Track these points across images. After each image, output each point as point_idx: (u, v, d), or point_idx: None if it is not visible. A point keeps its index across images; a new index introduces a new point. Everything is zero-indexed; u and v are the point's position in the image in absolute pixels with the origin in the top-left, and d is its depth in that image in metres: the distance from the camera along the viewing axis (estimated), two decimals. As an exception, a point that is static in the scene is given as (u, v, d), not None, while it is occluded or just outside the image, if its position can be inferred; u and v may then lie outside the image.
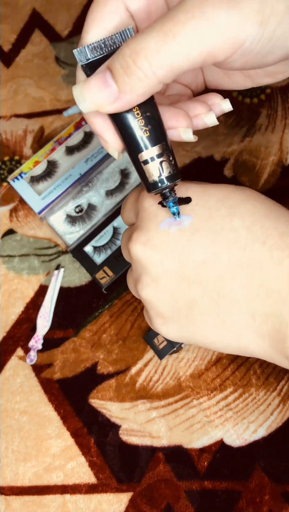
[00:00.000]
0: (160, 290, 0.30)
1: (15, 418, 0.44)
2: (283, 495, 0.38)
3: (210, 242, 0.29)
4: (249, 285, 0.28)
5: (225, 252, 0.28)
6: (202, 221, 0.29)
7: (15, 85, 0.56)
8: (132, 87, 0.23)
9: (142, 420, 0.42)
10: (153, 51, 0.22)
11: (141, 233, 0.30)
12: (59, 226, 0.48)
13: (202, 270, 0.29)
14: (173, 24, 0.22)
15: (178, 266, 0.29)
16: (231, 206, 0.29)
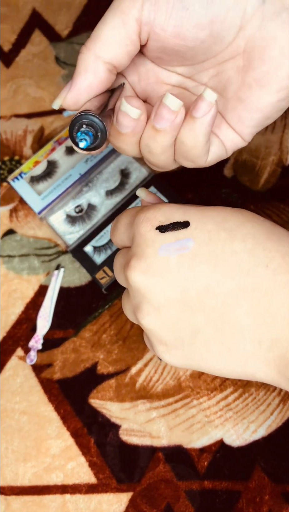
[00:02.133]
0: (162, 318, 0.29)
1: (15, 418, 0.44)
2: (283, 495, 0.38)
3: (211, 267, 0.27)
4: (254, 312, 0.26)
5: (227, 277, 0.27)
6: (202, 246, 0.28)
7: (15, 85, 0.56)
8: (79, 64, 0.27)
9: (143, 420, 0.42)
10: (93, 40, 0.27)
11: (140, 260, 0.29)
12: (59, 226, 0.48)
13: (205, 297, 0.27)
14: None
15: (180, 294, 0.28)
16: (231, 228, 0.28)
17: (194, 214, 0.29)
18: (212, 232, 0.28)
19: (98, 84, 0.27)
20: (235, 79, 0.29)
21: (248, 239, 0.27)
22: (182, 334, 0.29)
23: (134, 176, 0.49)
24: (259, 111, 0.29)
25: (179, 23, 0.26)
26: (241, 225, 0.28)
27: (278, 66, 0.27)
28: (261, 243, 0.27)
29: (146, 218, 0.29)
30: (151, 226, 0.29)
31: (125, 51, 0.27)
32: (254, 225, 0.28)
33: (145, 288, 0.29)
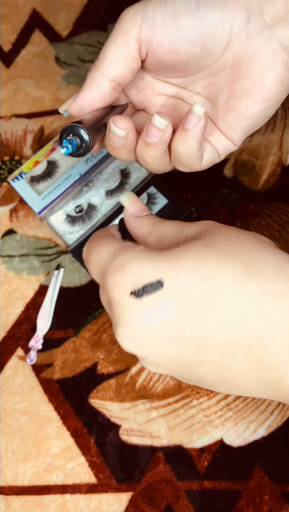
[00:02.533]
0: (164, 370, 0.29)
1: (15, 418, 0.44)
2: (283, 495, 0.38)
3: (200, 325, 0.26)
4: (250, 361, 0.26)
5: (218, 333, 0.26)
6: (183, 306, 0.26)
7: (15, 85, 0.56)
8: (86, 80, 0.31)
9: (143, 420, 0.42)
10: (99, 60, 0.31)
11: (125, 329, 0.28)
12: (59, 226, 0.48)
13: (201, 354, 0.27)
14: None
15: (176, 354, 0.28)
16: (208, 277, 0.26)
17: (166, 269, 0.27)
18: (190, 287, 0.26)
19: (101, 98, 0.31)
20: (225, 90, 0.32)
21: (229, 287, 0.26)
22: (185, 377, 0.30)
23: (134, 176, 0.49)
24: (247, 119, 0.32)
25: (173, 40, 0.29)
26: (217, 269, 0.26)
27: (262, 78, 0.30)
28: (243, 287, 0.26)
29: (115, 283, 0.27)
30: (124, 292, 0.27)
31: (128, 68, 0.30)
32: (230, 263, 0.26)
33: (140, 354, 0.28)
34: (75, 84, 0.55)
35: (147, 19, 0.29)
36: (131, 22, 0.30)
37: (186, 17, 0.29)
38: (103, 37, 0.56)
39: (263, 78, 0.30)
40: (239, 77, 0.31)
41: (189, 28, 0.29)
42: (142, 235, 0.32)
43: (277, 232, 0.45)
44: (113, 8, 0.57)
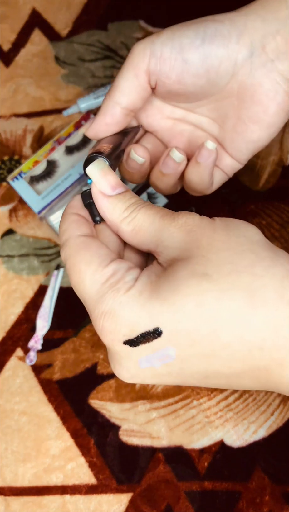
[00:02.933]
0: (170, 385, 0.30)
1: (15, 419, 0.44)
2: (284, 495, 0.38)
3: (205, 364, 0.25)
4: (257, 383, 0.26)
5: (224, 366, 0.25)
6: (186, 350, 0.25)
7: (14, 84, 0.56)
8: (101, 108, 0.33)
9: (143, 420, 0.42)
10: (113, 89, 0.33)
11: (122, 370, 0.26)
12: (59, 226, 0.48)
13: (206, 382, 0.27)
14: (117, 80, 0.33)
15: (180, 383, 0.27)
16: (209, 316, 0.24)
17: (162, 315, 0.24)
18: (192, 333, 0.24)
19: (114, 124, 0.33)
20: (232, 115, 0.34)
21: (232, 323, 0.24)
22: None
23: (134, 176, 0.49)
24: (254, 142, 0.34)
25: (180, 72, 0.32)
26: (218, 306, 0.24)
27: (265, 107, 0.32)
28: (248, 321, 0.24)
29: (105, 330, 0.25)
30: (117, 340, 0.25)
31: (139, 96, 0.33)
32: (231, 295, 0.24)
33: (141, 384, 0.29)
34: (75, 84, 0.55)
35: (155, 54, 0.32)
36: (141, 56, 0.32)
37: (192, 52, 0.31)
38: (103, 36, 0.56)
39: (267, 107, 0.33)
40: (244, 105, 0.33)
41: (195, 63, 0.31)
42: (114, 221, 0.28)
43: (277, 232, 0.45)
44: (113, 7, 0.57)
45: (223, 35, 0.31)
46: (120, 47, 0.55)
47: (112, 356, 0.27)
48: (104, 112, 0.33)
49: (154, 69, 0.32)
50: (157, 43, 0.32)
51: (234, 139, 0.35)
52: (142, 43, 0.32)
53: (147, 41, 0.32)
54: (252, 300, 0.24)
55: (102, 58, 0.55)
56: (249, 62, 0.32)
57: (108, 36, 0.56)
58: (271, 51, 0.31)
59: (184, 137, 0.37)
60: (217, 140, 0.36)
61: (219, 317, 0.24)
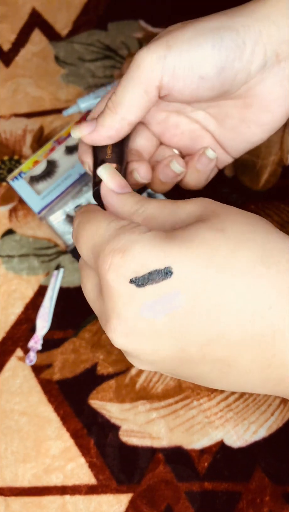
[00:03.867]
0: (156, 368, 0.27)
1: (15, 419, 0.44)
2: (284, 496, 0.38)
3: (211, 320, 0.24)
4: (258, 359, 0.25)
5: (228, 329, 0.24)
6: (193, 298, 0.23)
7: (14, 84, 0.56)
8: (104, 121, 0.31)
9: (143, 421, 0.42)
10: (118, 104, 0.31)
11: (120, 322, 0.24)
12: (59, 226, 0.48)
13: (207, 351, 0.25)
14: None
15: (178, 351, 0.25)
16: (222, 266, 0.24)
17: (176, 255, 0.24)
18: (202, 278, 0.23)
19: (117, 138, 0.32)
20: (234, 116, 0.34)
21: (242, 278, 0.24)
22: (181, 375, 0.27)
23: (134, 176, 0.48)
24: (253, 143, 0.35)
25: (195, 89, 0.31)
26: (231, 258, 0.24)
27: (273, 113, 0.32)
28: (257, 280, 0.24)
29: (113, 266, 0.24)
30: (123, 277, 0.24)
31: (146, 110, 0.32)
32: (245, 250, 0.24)
33: (133, 351, 0.25)
34: (75, 84, 0.55)
35: (168, 71, 0.30)
36: (152, 71, 0.30)
37: (208, 69, 0.30)
38: (103, 36, 0.56)
39: (275, 113, 0.32)
40: (251, 109, 0.33)
41: (211, 78, 0.30)
42: (126, 214, 0.28)
43: (278, 232, 0.45)
44: (113, 7, 0.57)
45: (239, 47, 0.30)
46: (121, 47, 0.55)
47: (111, 306, 0.25)
48: (109, 126, 0.32)
49: (166, 85, 0.30)
50: (169, 58, 0.29)
51: (234, 138, 0.35)
52: (151, 56, 0.30)
53: (157, 54, 0.30)
54: (265, 258, 0.24)
55: (102, 58, 0.55)
56: (261, 72, 0.31)
57: (108, 36, 0.56)
58: (285, 58, 0.31)
59: (178, 130, 0.36)
60: (213, 135, 0.35)
61: (229, 268, 0.23)
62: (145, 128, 0.36)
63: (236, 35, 0.29)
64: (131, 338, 0.25)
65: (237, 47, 0.30)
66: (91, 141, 0.33)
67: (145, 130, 0.36)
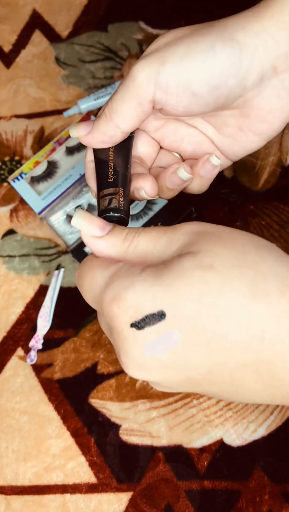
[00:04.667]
0: (176, 390, 0.29)
1: (15, 418, 0.44)
2: (283, 494, 0.39)
3: (208, 353, 0.25)
4: (261, 380, 0.26)
5: (227, 357, 0.25)
6: (189, 335, 0.25)
7: (15, 85, 0.56)
8: (99, 126, 0.32)
9: (143, 419, 0.42)
10: (114, 112, 0.32)
11: (130, 360, 0.26)
12: (60, 226, 0.48)
13: (211, 377, 0.26)
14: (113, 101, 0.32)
15: (185, 379, 0.27)
16: (212, 303, 0.25)
17: (165, 299, 0.25)
18: (194, 316, 0.25)
19: (111, 144, 0.33)
20: (231, 124, 0.34)
21: (234, 311, 0.25)
22: (200, 392, 0.29)
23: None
24: (250, 150, 0.35)
25: (188, 105, 0.31)
26: (220, 294, 0.25)
27: (270, 123, 0.32)
28: (249, 310, 0.25)
29: (114, 315, 0.26)
30: (124, 323, 0.26)
31: (140, 121, 0.32)
32: (234, 285, 0.25)
33: (147, 380, 0.28)
34: (76, 85, 0.55)
35: (160, 86, 0.30)
36: (145, 85, 0.30)
37: (201, 86, 0.30)
38: (103, 38, 0.56)
39: (272, 123, 0.32)
40: (248, 119, 0.33)
41: (204, 95, 0.30)
42: (118, 254, 0.29)
43: (277, 232, 0.45)
44: (113, 9, 0.57)
45: (234, 65, 0.29)
46: (121, 48, 0.55)
47: (120, 347, 0.27)
48: (103, 132, 0.32)
49: (159, 100, 0.30)
50: (162, 74, 0.29)
51: (231, 145, 0.35)
52: (146, 71, 0.30)
53: (151, 69, 0.30)
54: (253, 292, 0.25)
55: (103, 59, 0.55)
56: (258, 85, 0.30)
57: (109, 37, 0.56)
58: (282, 71, 0.30)
59: (177, 136, 0.36)
60: (212, 141, 0.35)
61: (220, 305, 0.25)
62: (145, 134, 0.36)
63: (232, 52, 0.29)
64: (142, 372, 0.27)
65: (231, 65, 0.29)
66: (86, 143, 0.33)
67: (145, 136, 0.36)
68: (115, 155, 0.34)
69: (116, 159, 0.34)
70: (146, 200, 0.35)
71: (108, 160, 0.34)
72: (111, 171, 0.33)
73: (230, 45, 0.29)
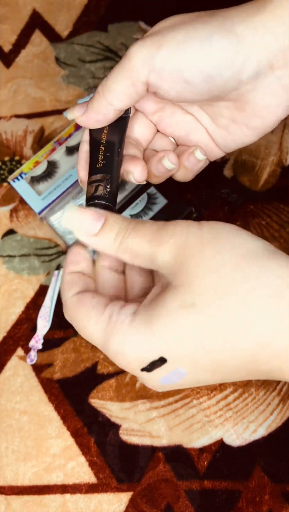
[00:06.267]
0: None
1: (15, 418, 0.44)
2: (283, 494, 0.39)
3: (215, 373, 0.28)
4: (261, 375, 0.28)
5: (231, 376, 0.28)
6: (192, 365, 0.27)
7: (15, 85, 0.56)
8: (93, 105, 0.33)
9: (143, 419, 0.42)
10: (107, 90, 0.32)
11: (151, 386, 0.29)
12: (60, 226, 0.48)
13: (221, 380, 0.29)
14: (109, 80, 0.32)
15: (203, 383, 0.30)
16: (201, 341, 0.26)
17: (160, 348, 0.27)
18: (191, 354, 0.27)
19: (105, 122, 0.33)
20: (226, 116, 0.34)
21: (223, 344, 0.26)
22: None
23: (135, 176, 0.49)
24: (244, 143, 0.35)
25: (180, 91, 0.31)
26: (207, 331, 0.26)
27: (265, 118, 0.32)
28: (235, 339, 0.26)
29: (123, 365, 0.28)
30: (135, 370, 0.28)
31: (133, 101, 0.32)
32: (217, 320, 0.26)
33: (141, 383, 0.31)
34: (76, 85, 0.55)
35: (155, 70, 0.30)
36: (140, 67, 0.30)
37: (194, 75, 0.30)
38: (103, 38, 0.56)
39: (266, 119, 0.32)
40: (243, 113, 0.33)
41: (197, 84, 0.30)
42: (111, 253, 0.30)
43: (277, 232, 0.45)
44: (113, 9, 0.57)
45: (230, 57, 0.29)
46: (121, 48, 0.55)
47: (138, 378, 0.29)
48: (97, 110, 0.33)
49: (152, 83, 0.31)
50: (157, 58, 0.30)
51: (225, 136, 0.35)
52: (142, 53, 0.30)
53: (147, 52, 0.30)
54: (237, 321, 0.26)
55: (103, 59, 0.55)
56: (254, 80, 0.30)
57: (109, 37, 0.56)
58: (279, 68, 0.30)
59: (173, 120, 0.36)
60: (206, 129, 0.35)
61: (210, 340, 0.26)
62: (143, 116, 0.36)
63: (229, 43, 0.29)
64: (164, 389, 0.30)
65: (227, 57, 0.29)
66: (82, 123, 0.34)
67: (142, 118, 0.36)
68: (109, 135, 0.34)
69: (109, 140, 0.34)
70: (135, 184, 0.36)
71: (101, 141, 0.34)
72: (101, 155, 0.33)
73: (227, 36, 0.29)
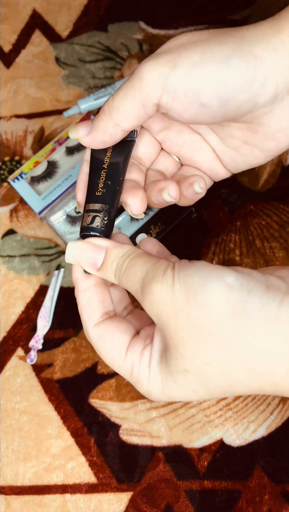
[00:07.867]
0: None
1: (15, 418, 0.44)
2: (283, 494, 0.39)
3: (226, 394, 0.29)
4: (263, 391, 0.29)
5: (237, 391, 0.29)
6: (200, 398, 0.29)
7: (15, 85, 0.56)
8: (98, 125, 0.31)
9: (143, 420, 0.42)
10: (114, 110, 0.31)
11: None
12: (60, 226, 0.48)
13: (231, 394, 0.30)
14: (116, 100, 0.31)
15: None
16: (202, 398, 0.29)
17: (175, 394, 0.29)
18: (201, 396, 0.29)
19: (111, 143, 0.32)
20: (238, 136, 0.33)
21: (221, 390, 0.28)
22: None
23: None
24: (252, 165, 0.34)
25: (194, 114, 0.29)
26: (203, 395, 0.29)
27: (279, 141, 0.31)
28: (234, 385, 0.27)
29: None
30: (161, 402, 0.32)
31: (141, 121, 0.31)
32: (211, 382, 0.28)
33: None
34: (76, 85, 0.55)
35: (168, 91, 0.28)
36: (152, 87, 0.29)
37: (210, 98, 0.28)
38: (103, 38, 0.56)
39: (280, 142, 0.31)
40: (256, 135, 0.31)
41: (212, 107, 0.29)
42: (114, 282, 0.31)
43: (277, 232, 0.45)
44: (113, 9, 0.58)
45: (247, 81, 0.28)
46: (121, 48, 0.55)
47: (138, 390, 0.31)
48: (103, 131, 0.31)
49: (164, 104, 0.29)
50: (171, 78, 0.28)
51: (234, 157, 0.34)
52: (155, 72, 0.28)
53: (161, 71, 0.28)
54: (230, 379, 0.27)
55: (103, 59, 0.55)
56: (270, 104, 0.29)
57: (109, 37, 0.56)
58: None
59: (180, 139, 0.35)
60: (214, 150, 0.34)
61: (210, 393, 0.28)
62: (148, 134, 0.35)
63: (247, 67, 0.28)
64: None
65: (245, 81, 0.28)
66: (86, 144, 0.32)
67: (147, 136, 0.35)
68: (112, 158, 0.33)
69: (112, 165, 0.33)
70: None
71: (103, 165, 0.33)
72: (102, 183, 0.33)
73: (246, 58, 0.28)
